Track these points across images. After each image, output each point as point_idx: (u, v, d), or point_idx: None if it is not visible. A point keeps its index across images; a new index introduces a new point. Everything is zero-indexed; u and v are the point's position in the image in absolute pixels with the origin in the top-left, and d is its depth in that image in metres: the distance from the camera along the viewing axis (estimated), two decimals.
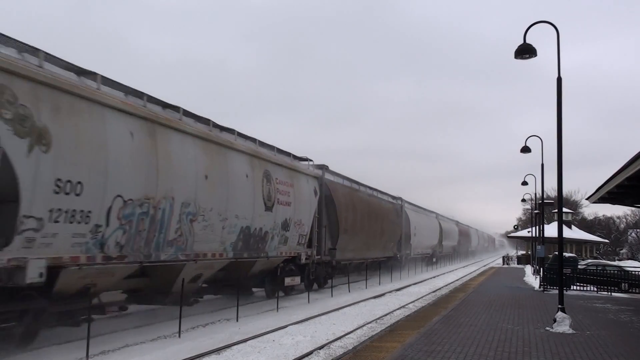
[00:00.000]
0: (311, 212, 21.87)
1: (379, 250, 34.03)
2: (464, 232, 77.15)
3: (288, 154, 20.66)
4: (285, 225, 19.20)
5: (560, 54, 13.97)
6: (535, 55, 13.93)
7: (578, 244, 59.32)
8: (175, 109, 13.97)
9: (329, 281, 24.90)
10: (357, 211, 28.54)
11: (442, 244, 57.19)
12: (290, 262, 20.69)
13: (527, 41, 13.94)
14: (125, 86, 12.50)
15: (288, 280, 20.14)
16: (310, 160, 23.14)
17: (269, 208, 17.67)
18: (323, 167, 24.93)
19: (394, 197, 40.82)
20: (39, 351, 10.72)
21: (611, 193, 18.23)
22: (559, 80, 13.98)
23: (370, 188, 34.54)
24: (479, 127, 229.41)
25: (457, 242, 68.65)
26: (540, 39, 14.71)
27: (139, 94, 12.74)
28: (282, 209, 18.75)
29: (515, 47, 14.00)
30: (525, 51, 13.91)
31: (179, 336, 12.65)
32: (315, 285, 24.16)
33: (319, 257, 23.26)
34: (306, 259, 21.52)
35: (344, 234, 26.02)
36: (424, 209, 53.20)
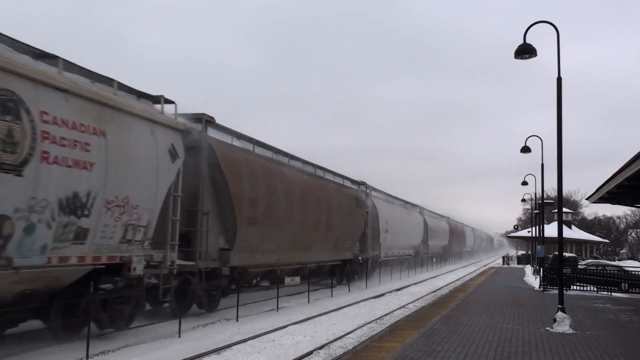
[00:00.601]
0: (160, 187, 12.93)
1: (328, 252, 25.17)
2: (457, 231, 68.97)
3: (108, 80, 11.78)
4: (76, 206, 10.40)
5: (561, 53, 13.99)
6: (535, 55, 13.94)
7: (578, 244, 59.32)
8: None
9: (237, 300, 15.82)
10: (277, 193, 19.23)
11: (428, 244, 49.52)
12: (115, 273, 12.02)
13: (528, 41, 13.95)
14: None
15: (288, 280, 19.93)
16: (170, 102, 13.88)
17: (7, 167, 8.96)
18: (203, 118, 15.56)
19: (354, 182, 31.22)
20: (39, 351, 10.72)
21: (611, 193, 18.24)
22: (559, 80, 13.98)
23: (310, 164, 24.43)
24: (479, 127, 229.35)
25: (449, 241, 61.16)
26: (540, 38, 14.71)
27: None
28: (63, 172, 10.02)
29: (516, 47, 14.01)
30: (525, 51, 13.92)
31: (179, 336, 12.64)
32: (196, 308, 15.83)
33: (191, 263, 14.73)
34: (148, 266, 12.83)
35: (249, 225, 17.25)
36: (402, 200, 43.86)
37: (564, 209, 26.40)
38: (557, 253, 16.70)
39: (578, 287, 25.93)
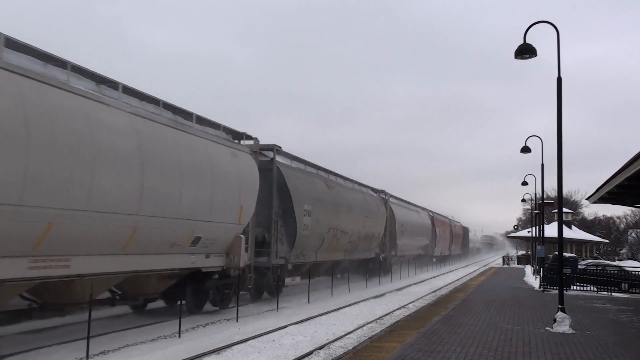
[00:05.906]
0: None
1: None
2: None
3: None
4: None
5: (565, 52, 14.02)
6: (536, 55, 13.92)
7: (578, 244, 59.27)
8: None
9: None
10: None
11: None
12: None
13: (532, 38, 13.97)
14: None
15: (288, 281, 20.06)
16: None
17: None
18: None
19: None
20: (39, 351, 10.72)
21: (611, 193, 18.23)
22: (559, 80, 13.98)
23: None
24: (481, 126, 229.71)
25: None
26: (545, 36, 14.70)
27: None
28: None
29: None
30: (525, 51, 13.91)
31: (179, 336, 12.65)
32: None
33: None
34: None
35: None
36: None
37: (564, 209, 26.37)
38: (557, 253, 16.69)
39: (578, 287, 25.91)
